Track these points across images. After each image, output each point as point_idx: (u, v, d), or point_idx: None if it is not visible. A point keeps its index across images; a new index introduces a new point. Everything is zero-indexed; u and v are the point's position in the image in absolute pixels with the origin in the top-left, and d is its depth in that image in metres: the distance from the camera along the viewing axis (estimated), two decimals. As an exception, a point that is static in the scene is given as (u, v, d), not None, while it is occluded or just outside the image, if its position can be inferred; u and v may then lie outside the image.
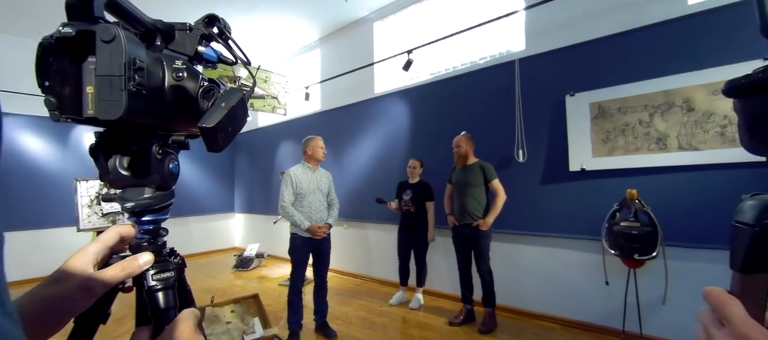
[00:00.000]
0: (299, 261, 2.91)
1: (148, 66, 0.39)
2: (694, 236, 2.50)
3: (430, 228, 3.61)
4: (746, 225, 0.33)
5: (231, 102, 0.43)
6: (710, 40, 2.47)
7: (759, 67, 0.31)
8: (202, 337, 0.41)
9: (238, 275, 5.26)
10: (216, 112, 0.42)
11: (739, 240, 0.34)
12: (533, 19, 3.36)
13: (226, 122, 0.42)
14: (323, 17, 4.92)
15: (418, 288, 3.78)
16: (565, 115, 3.07)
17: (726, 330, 0.33)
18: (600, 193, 2.86)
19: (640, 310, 2.60)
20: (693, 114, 2.52)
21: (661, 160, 2.64)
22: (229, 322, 2.62)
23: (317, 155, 3.01)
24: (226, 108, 0.42)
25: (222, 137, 0.43)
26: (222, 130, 0.43)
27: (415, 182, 3.71)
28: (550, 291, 3.22)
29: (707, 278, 2.50)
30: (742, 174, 2.34)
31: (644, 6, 2.74)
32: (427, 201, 3.63)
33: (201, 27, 0.48)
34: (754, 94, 0.32)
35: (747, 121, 0.33)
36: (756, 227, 0.32)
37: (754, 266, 0.33)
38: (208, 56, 0.48)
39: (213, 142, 0.43)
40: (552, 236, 3.18)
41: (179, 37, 0.46)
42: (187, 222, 6.59)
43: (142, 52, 0.39)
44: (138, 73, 0.37)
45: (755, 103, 0.32)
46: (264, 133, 6.56)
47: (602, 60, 2.92)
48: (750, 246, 0.33)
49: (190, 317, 0.41)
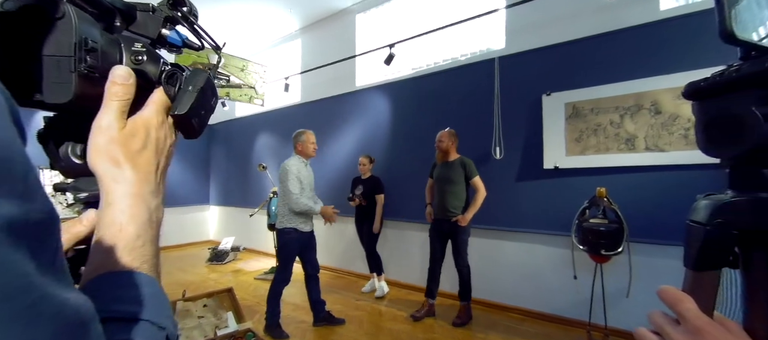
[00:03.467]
0: (289, 256, 2.91)
1: (103, 47, 0.37)
2: (657, 233, 2.64)
3: (376, 219, 3.81)
4: (699, 224, 0.35)
5: (198, 84, 0.41)
6: (679, 46, 2.59)
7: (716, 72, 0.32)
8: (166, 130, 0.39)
9: (212, 269, 5.14)
10: (185, 97, 0.40)
11: (692, 238, 0.36)
12: (513, 19, 3.41)
13: (198, 106, 0.41)
14: (305, 7, 4.82)
15: (378, 276, 3.92)
16: (541, 114, 3.15)
17: (681, 327, 0.34)
18: (572, 190, 2.97)
19: (606, 303, 2.72)
20: (660, 116, 2.64)
21: (629, 160, 2.76)
22: (201, 316, 2.56)
23: (307, 151, 2.97)
24: (195, 91, 0.41)
25: (197, 123, 0.42)
26: (195, 115, 0.41)
27: (366, 177, 3.92)
28: (522, 285, 3.32)
29: (668, 273, 2.64)
30: (703, 175, 2.47)
31: (618, 10, 2.83)
32: (377, 194, 3.83)
33: (165, 9, 0.46)
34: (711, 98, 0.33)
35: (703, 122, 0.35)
36: (708, 226, 0.34)
37: (706, 264, 0.35)
38: (172, 40, 0.46)
39: (189, 129, 0.42)
40: (526, 232, 3.28)
41: (141, 18, 0.44)
42: (158, 214, 6.35)
43: (95, 31, 0.36)
44: (90, 55, 0.35)
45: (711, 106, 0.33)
46: (241, 124, 6.39)
47: (578, 61, 3.00)
48: (702, 245, 0.34)
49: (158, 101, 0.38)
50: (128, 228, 0.32)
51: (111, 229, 0.32)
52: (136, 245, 0.32)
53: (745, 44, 0.29)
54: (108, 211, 0.32)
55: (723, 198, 0.34)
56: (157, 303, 0.31)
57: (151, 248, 0.34)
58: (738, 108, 0.30)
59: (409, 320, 3.23)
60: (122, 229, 0.32)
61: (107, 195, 0.33)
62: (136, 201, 0.33)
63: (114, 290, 0.29)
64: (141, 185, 0.34)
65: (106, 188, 0.33)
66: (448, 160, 3.21)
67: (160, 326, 0.29)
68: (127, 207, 0.33)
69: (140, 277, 0.31)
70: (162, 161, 0.38)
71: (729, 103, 0.31)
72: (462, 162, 3.15)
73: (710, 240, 0.34)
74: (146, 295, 0.30)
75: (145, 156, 0.36)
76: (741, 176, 0.32)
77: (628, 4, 2.75)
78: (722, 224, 0.33)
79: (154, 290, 0.31)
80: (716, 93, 0.32)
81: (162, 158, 0.38)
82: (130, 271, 0.31)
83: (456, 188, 3.14)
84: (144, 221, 0.34)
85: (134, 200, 0.33)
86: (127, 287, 0.30)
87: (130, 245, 0.32)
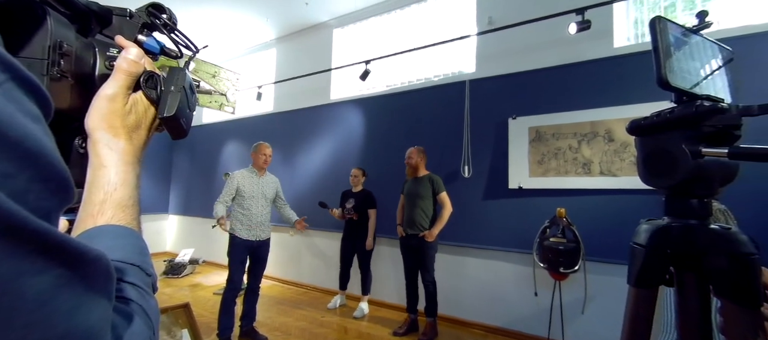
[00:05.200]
0: (237, 262, 2.89)
1: (78, 51, 0.36)
2: (610, 253, 2.81)
3: (369, 235, 3.67)
4: (640, 246, 0.39)
5: (180, 82, 0.42)
6: (630, 80, 2.83)
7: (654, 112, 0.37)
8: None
9: (168, 283, 4.83)
10: (170, 97, 0.40)
11: (634, 258, 0.40)
12: (483, 45, 3.59)
13: (184, 105, 0.41)
14: (282, 17, 4.80)
15: (363, 297, 3.77)
16: (508, 136, 3.30)
17: None
18: (534, 210, 3.11)
19: (563, 318, 2.84)
20: (613, 144, 2.86)
21: (585, 183, 2.94)
22: (153, 334, 2.38)
23: (258, 162, 3.03)
24: (178, 90, 0.41)
25: (185, 122, 0.42)
26: (182, 115, 0.41)
27: (357, 190, 3.77)
28: (486, 301, 3.40)
29: (620, 291, 2.81)
30: (650, 200, 2.69)
31: (578, 44, 3.07)
32: (370, 208, 3.70)
33: (143, 15, 0.45)
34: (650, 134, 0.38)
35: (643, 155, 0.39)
36: (646, 248, 0.38)
37: (645, 281, 0.39)
38: (149, 47, 0.45)
39: (178, 130, 0.42)
40: (491, 249, 3.37)
41: (117, 22, 0.43)
42: (110, 222, 5.91)
43: (70, 35, 0.36)
44: (64, 59, 0.34)
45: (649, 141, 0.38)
46: (209, 131, 6.16)
47: (542, 89, 3.20)
48: (642, 264, 0.39)
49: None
50: (122, 189, 0.36)
51: (107, 188, 0.35)
52: (129, 204, 0.37)
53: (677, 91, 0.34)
54: (103, 172, 0.36)
55: (660, 223, 0.38)
56: (144, 254, 0.35)
57: (138, 209, 0.39)
58: (671, 145, 0.35)
59: (388, 336, 3.20)
60: (117, 189, 0.36)
61: (100, 158, 0.36)
62: (128, 168, 0.38)
63: (113, 240, 0.33)
64: (132, 156, 0.38)
65: (100, 152, 0.36)
66: (417, 176, 3.27)
67: (147, 272, 0.34)
68: (121, 172, 0.37)
69: (131, 231, 0.36)
70: (148, 136, 0.42)
71: (664, 141, 0.36)
72: (430, 178, 3.22)
73: (649, 260, 0.38)
74: (136, 246, 0.35)
75: (139, 133, 0.40)
76: (674, 204, 0.37)
77: (586, 40, 2.99)
78: (658, 247, 0.37)
79: (142, 243, 0.36)
80: (654, 130, 0.37)
81: (150, 133, 0.42)
82: (124, 225, 0.35)
83: (424, 203, 3.19)
84: (134, 186, 0.38)
85: (126, 166, 0.37)
86: (123, 237, 0.34)
87: (123, 202, 0.36)
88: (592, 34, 2.86)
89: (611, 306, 2.83)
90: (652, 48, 0.35)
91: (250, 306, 3.02)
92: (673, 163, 0.35)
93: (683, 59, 0.36)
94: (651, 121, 0.37)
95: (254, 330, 3.02)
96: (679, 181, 0.35)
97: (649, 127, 0.37)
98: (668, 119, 0.35)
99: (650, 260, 0.38)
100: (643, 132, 0.38)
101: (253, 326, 3.03)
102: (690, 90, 0.36)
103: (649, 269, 0.38)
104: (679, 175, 0.35)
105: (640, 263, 0.38)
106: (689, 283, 0.38)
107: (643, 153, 0.39)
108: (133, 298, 0.30)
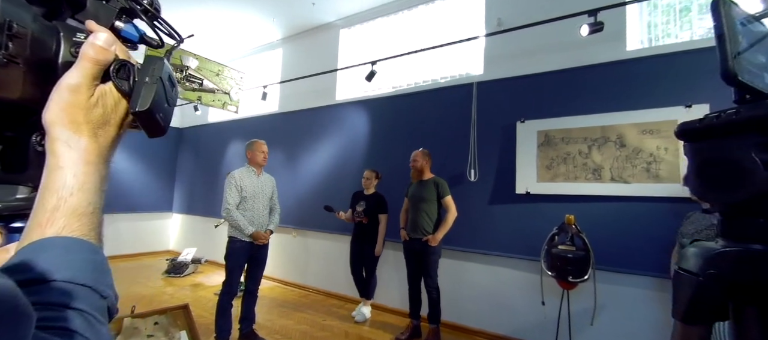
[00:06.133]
0: (236, 266, 2.83)
1: (35, 33, 0.32)
2: (621, 261, 2.72)
3: (378, 240, 3.56)
4: (690, 273, 0.32)
5: (157, 73, 0.36)
6: (643, 84, 2.74)
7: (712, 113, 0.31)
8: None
9: (169, 282, 4.81)
10: (144, 90, 0.35)
11: (682, 288, 0.33)
12: (492, 47, 3.52)
13: (160, 99, 0.36)
14: (288, 17, 4.78)
15: (366, 301, 3.70)
16: (515, 139, 3.23)
17: None
18: (542, 216, 3.02)
19: (571, 329, 2.75)
20: (624, 149, 2.77)
21: (595, 189, 2.86)
22: (150, 335, 2.34)
23: (257, 159, 2.97)
24: (154, 81, 0.36)
25: (162, 118, 0.37)
26: (159, 110, 0.36)
27: (369, 193, 3.66)
28: (491, 308, 3.32)
29: (631, 301, 2.72)
30: (662, 207, 2.60)
31: (589, 47, 2.99)
32: (381, 213, 3.59)
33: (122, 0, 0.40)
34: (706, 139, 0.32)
35: (696, 164, 0.33)
36: (700, 277, 0.32)
37: (696, 317, 0.32)
38: (127, 34, 0.40)
39: (154, 126, 0.37)
40: (497, 255, 3.29)
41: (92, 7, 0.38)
42: (115, 220, 5.92)
43: (25, 15, 0.31)
44: (14, 41, 0.30)
45: (706, 148, 0.32)
46: (214, 130, 6.16)
47: (551, 92, 3.12)
48: (693, 296, 0.32)
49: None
50: (79, 194, 0.31)
51: (61, 192, 0.31)
52: (87, 212, 0.32)
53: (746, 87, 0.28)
54: (58, 174, 0.31)
55: (714, 247, 0.32)
56: (101, 271, 0.31)
57: (99, 217, 0.34)
58: (736, 153, 0.28)
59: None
60: (73, 193, 0.31)
61: (57, 157, 0.31)
62: (90, 169, 0.33)
63: (61, 255, 0.29)
64: (96, 155, 0.33)
65: (57, 150, 0.31)
66: (422, 179, 3.21)
67: (102, 294, 0.29)
68: (81, 173, 0.32)
69: (87, 244, 0.31)
70: (119, 133, 0.37)
71: (728, 147, 0.29)
72: (435, 182, 3.15)
73: (702, 292, 0.32)
74: (91, 262, 0.30)
75: (107, 130, 0.35)
76: (735, 225, 0.31)
77: (598, 42, 2.91)
78: (715, 276, 0.31)
79: (100, 258, 0.31)
80: (712, 135, 0.31)
81: (121, 130, 0.37)
82: (78, 237, 0.31)
83: (428, 206, 3.13)
84: (95, 190, 0.33)
85: (88, 167, 0.33)
86: (74, 252, 0.30)
87: (79, 210, 0.31)
88: (605, 36, 2.78)
89: (622, 317, 2.74)
90: (716, 35, 0.29)
91: (249, 309, 2.97)
92: (740, 175, 0.29)
93: (756, 54, 0.30)
94: (709, 123, 0.31)
95: (254, 333, 2.98)
96: (746, 197, 0.29)
97: (706, 130, 0.31)
98: (733, 121, 0.29)
99: (704, 292, 0.31)
100: (699, 136, 0.32)
101: (253, 329, 2.99)
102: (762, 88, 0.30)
103: (702, 302, 0.31)
104: (747, 189, 0.28)
105: (689, 293, 0.32)
106: (750, 318, 0.32)
107: (697, 161, 0.33)
108: (78, 329, 0.26)
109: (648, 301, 2.66)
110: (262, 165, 3.01)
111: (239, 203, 2.84)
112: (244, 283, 2.99)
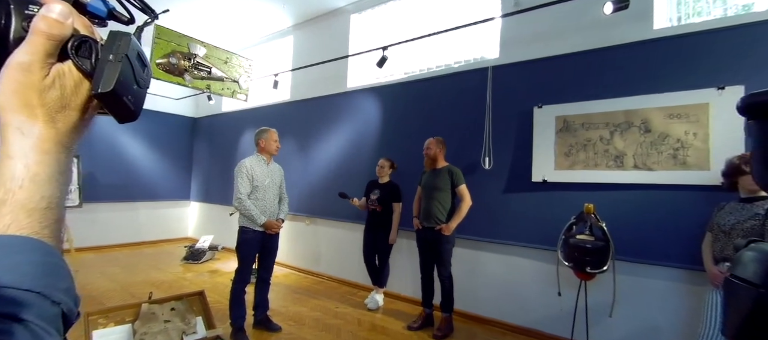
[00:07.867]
0: (248, 255, 2.85)
1: None
2: (642, 252, 2.61)
3: (392, 229, 3.55)
4: (749, 284, 0.27)
5: (122, 50, 0.32)
6: (671, 66, 2.58)
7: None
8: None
9: (188, 268, 4.94)
10: (108, 69, 0.31)
11: (738, 300, 0.28)
12: (508, 29, 3.37)
13: (127, 80, 0.32)
14: (298, 4, 4.71)
15: (379, 288, 3.71)
16: (532, 126, 3.11)
17: None
18: (559, 205, 2.93)
19: (588, 321, 2.68)
20: (649, 135, 2.63)
21: (617, 177, 2.73)
22: (167, 320, 2.40)
23: (270, 149, 2.93)
24: (118, 60, 0.32)
25: (130, 101, 0.33)
26: (126, 92, 0.32)
27: (384, 181, 3.62)
28: (505, 298, 3.27)
29: (652, 293, 2.62)
30: (690, 196, 2.46)
31: (612, 27, 2.82)
32: (395, 202, 3.56)
33: None
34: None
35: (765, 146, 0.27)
36: (762, 288, 0.26)
37: (754, 336, 0.27)
38: (94, 9, 0.36)
39: (121, 110, 0.33)
40: (512, 245, 3.22)
41: None
42: (135, 208, 6.11)
43: None
44: None
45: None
46: (228, 119, 6.21)
47: (570, 75, 2.98)
48: (752, 310, 0.26)
49: None
50: (30, 186, 0.28)
51: (9, 184, 0.27)
52: (39, 206, 0.28)
53: None
54: (7, 164, 0.28)
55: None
56: (53, 275, 0.27)
57: (56, 213, 0.30)
58: None
59: (402, 330, 3.14)
60: (23, 186, 0.28)
61: (7, 146, 0.28)
62: (45, 158, 0.29)
63: (5, 256, 0.25)
64: (53, 143, 0.30)
65: (8, 137, 0.28)
66: (436, 167, 3.14)
67: (53, 300, 0.26)
68: (34, 163, 0.28)
69: (37, 242, 0.27)
70: (83, 117, 0.33)
71: None
72: (449, 170, 3.08)
73: (764, 306, 0.26)
74: (41, 264, 0.26)
75: (67, 114, 0.31)
76: None
77: (622, 22, 2.74)
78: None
79: (53, 260, 0.28)
80: None
81: (85, 114, 0.33)
82: (28, 235, 0.27)
83: (442, 195, 3.07)
84: (51, 181, 0.29)
85: (42, 156, 0.29)
86: (21, 252, 0.26)
87: (30, 205, 0.28)
88: (629, 14, 2.61)
89: (642, 310, 2.65)
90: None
91: (262, 296, 3.00)
92: None
93: None
94: None
95: (268, 318, 3.02)
96: None
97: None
98: None
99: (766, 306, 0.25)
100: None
101: (267, 315, 3.03)
102: None
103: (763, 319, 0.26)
104: None
105: (747, 307, 0.26)
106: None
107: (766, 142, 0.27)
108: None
109: (674, 293, 2.55)
110: (274, 154, 2.98)
111: (251, 193, 2.83)
112: (256, 271, 3.02)
